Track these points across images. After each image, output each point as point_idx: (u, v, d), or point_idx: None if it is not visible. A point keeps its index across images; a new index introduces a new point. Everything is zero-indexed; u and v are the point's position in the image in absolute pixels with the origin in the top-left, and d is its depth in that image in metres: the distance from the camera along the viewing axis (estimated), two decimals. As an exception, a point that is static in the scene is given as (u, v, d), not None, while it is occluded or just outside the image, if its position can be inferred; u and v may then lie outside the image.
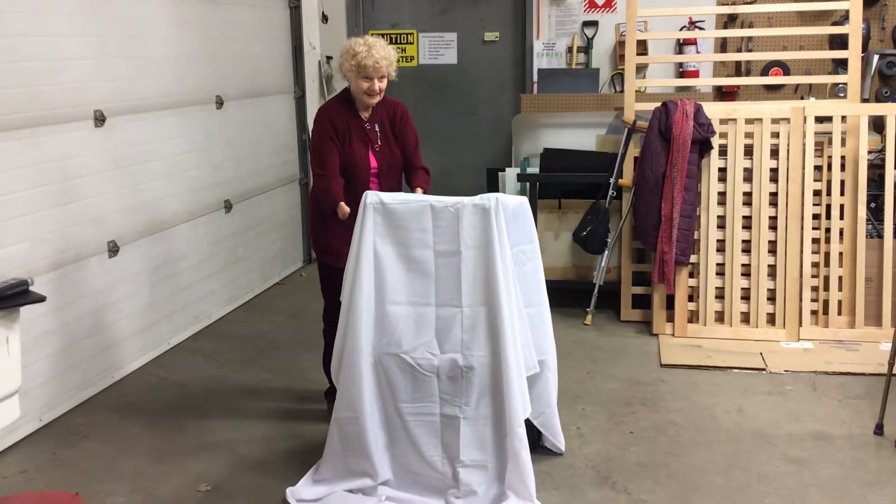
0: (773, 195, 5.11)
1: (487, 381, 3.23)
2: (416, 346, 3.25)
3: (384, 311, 3.27)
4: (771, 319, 5.10)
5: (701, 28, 6.39)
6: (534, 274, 3.46)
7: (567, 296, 5.66)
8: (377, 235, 3.25)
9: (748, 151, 5.15)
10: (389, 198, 3.28)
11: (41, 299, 3.43)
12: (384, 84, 3.74)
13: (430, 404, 3.29)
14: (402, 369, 3.28)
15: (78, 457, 3.82)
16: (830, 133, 5.08)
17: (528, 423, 3.58)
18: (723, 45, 6.45)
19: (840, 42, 5.79)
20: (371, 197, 3.26)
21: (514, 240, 3.31)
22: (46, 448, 3.90)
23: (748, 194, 5.14)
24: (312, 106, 6.79)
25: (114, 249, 4.57)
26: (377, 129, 3.83)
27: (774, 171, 5.11)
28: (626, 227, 5.41)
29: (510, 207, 3.26)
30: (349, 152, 3.76)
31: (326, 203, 3.72)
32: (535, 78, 6.70)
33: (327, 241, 3.88)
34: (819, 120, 5.14)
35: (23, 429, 3.95)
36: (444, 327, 3.25)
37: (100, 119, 4.44)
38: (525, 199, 3.39)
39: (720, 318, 5.17)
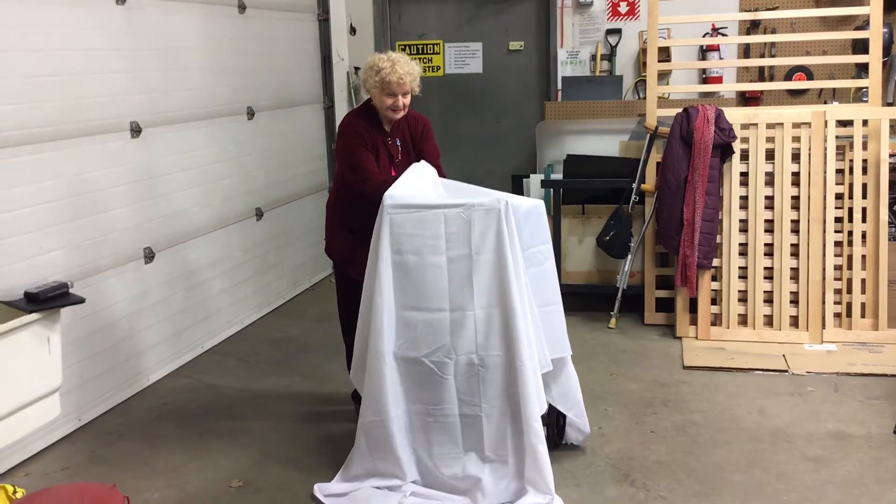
0: (795, 199, 5.15)
1: (503, 379, 3.32)
2: (433, 350, 3.35)
3: (402, 316, 3.37)
4: (794, 322, 5.14)
5: (724, 34, 6.44)
6: (550, 273, 3.55)
7: (591, 300, 5.74)
8: (393, 242, 3.34)
9: (770, 156, 5.19)
10: (404, 205, 3.35)
11: (80, 301, 3.59)
12: (408, 99, 3.73)
13: (450, 405, 3.39)
14: (422, 372, 3.38)
15: (115, 454, 3.97)
16: (852, 137, 5.11)
17: (549, 421, 3.69)
18: (746, 51, 6.50)
19: (863, 47, 5.78)
20: (388, 201, 3.35)
21: (528, 241, 3.40)
22: (85, 446, 4.06)
23: (770, 198, 5.18)
24: (341, 116, 6.90)
25: (150, 256, 4.73)
26: (398, 143, 3.86)
27: (796, 174, 5.15)
28: (649, 231, 5.47)
29: (521, 210, 3.34)
30: None
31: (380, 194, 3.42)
32: (560, 86, 6.78)
33: (343, 250, 3.97)
34: (841, 123, 5.18)
35: (62, 428, 4.11)
36: (458, 330, 3.33)
37: (136, 130, 4.60)
38: (540, 202, 3.48)
39: (743, 320, 5.22)
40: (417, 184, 3.53)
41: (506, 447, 3.37)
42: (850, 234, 5.10)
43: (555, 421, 3.79)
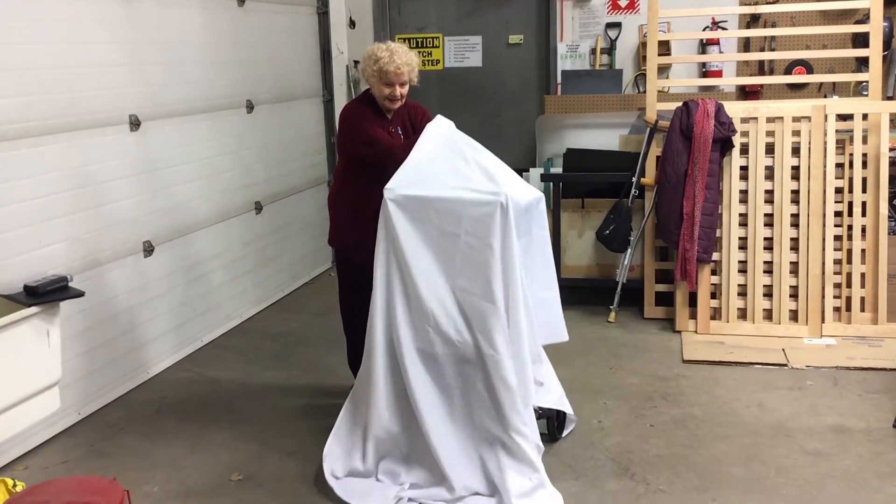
0: (795, 193, 5.15)
1: (487, 365, 3.31)
2: (421, 325, 3.38)
3: (400, 291, 3.40)
4: (793, 316, 5.14)
5: (723, 28, 6.43)
6: (548, 258, 3.56)
7: (591, 294, 5.74)
8: (390, 229, 3.38)
9: (770, 150, 5.19)
10: (404, 196, 3.37)
11: (80, 294, 3.59)
12: (406, 90, 3.78)
13: (432, 377, 3.42)
14: (411, 347, 3.40)
15: (115, 448, 3.97)
16: (852, 131, 5.11)
17: (549, 413, 3.71)
18: (746, 45, 6.48)
19: (863, 41, 5.79)
20: (388, 194, 3.37)
21: (525, 230, 3.42)
22: (85, 440, 4.06)
23: (770, 192, 5.18)
24: (340, 110, 6.91)
25: (149, 249, 4.73)
26: (399, 131, 3.90)
27: (796, 168, 5.15)
28: (649, 225, 5.47)
29: (522, 205, 3.35)
30: None
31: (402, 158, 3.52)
32: (559, 79, 6.78)
33: (349, 238, 3.97)
34: (841, 117, 5.17)
35: (62, 422, 4.11)
36: (443, 309, 3.36)
37: (135, 123, 4.59)
38: (540, 195, 3.49)
39: (743, 314, 5.22)
40: (429, 156, 3.52)
41: (488, 429, 3.37)
42: (850, 228, 5.10)
43: (554, 413, 3.80)
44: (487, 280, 3.26)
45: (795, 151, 5.16)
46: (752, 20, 6.40)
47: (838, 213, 5.11)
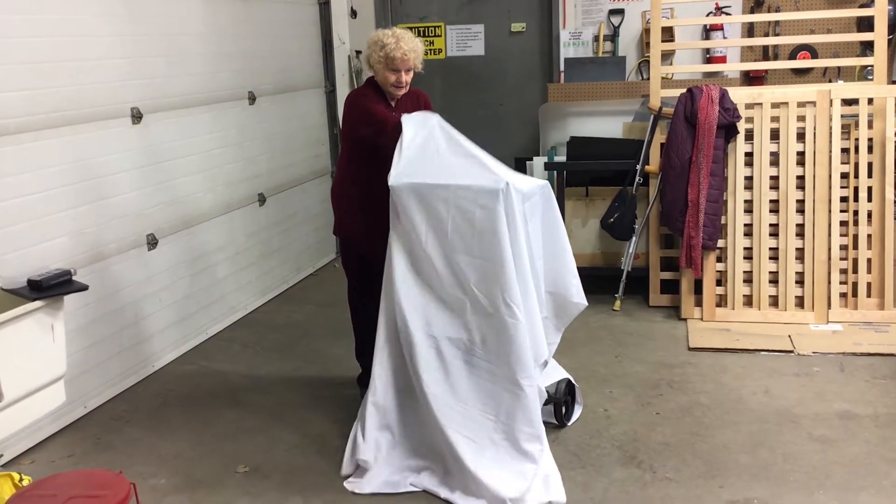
0: (801, 178, 5.12)
1: (501, 335, 3.34)
2: (429, 309, 3.43)
3: (411, 276, 3.46)
4: (799, 302, 5.12)
5: (727, 13, 6.39)
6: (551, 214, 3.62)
7: (596, 282, 5.68)
8: (401, 214, 3.42)
9: (775, 135, 5.16)
10: (409, 184, 3.41)
11: (84, 288, 3.57)
12: (411, 76, 3.78)
13: (439, 361, 3.45)
14: (419, 331, 3.43)
15: (121, 441, 3.97)
16: (857, 115, 5.08)
17: (556, 398, 3.71)
18: (750, 30, 6.45)
19: (868, 24, 5.74)
20: (393, 181, 3.40)
21: (530, 215, 3.43)
22: (91, 433, 4.06)
23: (775, 178, 5.16)
24: (342, 100, 6.88)
25: (153, 242, 4.72)
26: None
27: (801, 154, 5.12)
28: (654, 213, 5.45)
29: (523, 191, 3.35)
30: None
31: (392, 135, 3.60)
32: (562, 67, 6.75)
33: (353, 228, 3.97)
34: (846, 102, 5.14)
35: (68, 415, 4.12)
36: (444, 271, 3.41)
37: (137, 116, 4.58)
38: (546, 184, 3.49)
39: (748, 301, 5.20)
40: (422, 147, 3.54)
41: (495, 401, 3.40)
42: (856, 213, 5.07)
43: (562, 399, 3.80)
44: (495, 245, 3.27)
45: (800, 137, 5.13)
46: (756, 5, 6.36)
47: (844, 199, 5.09)
